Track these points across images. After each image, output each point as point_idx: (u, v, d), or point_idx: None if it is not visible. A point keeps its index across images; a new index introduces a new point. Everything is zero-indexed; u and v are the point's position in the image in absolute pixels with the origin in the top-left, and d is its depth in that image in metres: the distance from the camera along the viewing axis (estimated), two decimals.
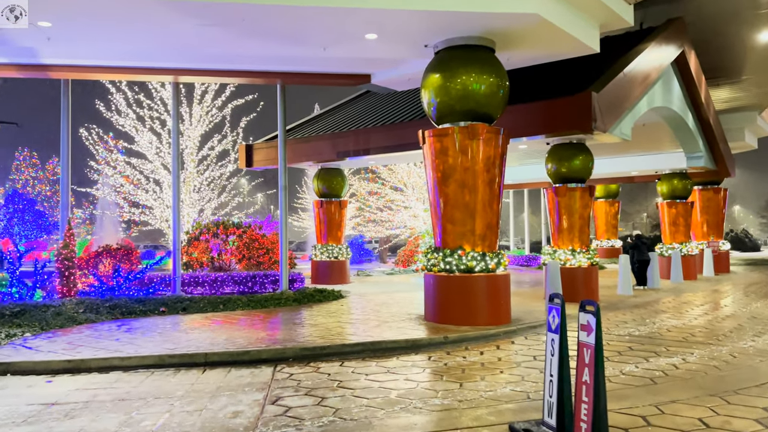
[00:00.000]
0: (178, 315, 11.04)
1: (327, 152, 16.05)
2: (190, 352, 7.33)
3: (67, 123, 13.05)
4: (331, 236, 18.20)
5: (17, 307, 10.05)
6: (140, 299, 11.60)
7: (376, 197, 30.98)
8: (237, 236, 17.18)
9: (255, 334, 8.65)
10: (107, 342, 8.14)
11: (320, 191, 18.26)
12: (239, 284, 14.69)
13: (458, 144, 9.58)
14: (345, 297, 13.99)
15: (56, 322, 9.55)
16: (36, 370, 6.88)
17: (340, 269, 17.91)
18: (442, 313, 9.55)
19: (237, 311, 11.54)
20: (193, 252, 17.03)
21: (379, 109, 16.89)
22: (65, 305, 10.64)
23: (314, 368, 6.95)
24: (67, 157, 13.17)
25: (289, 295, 12.96)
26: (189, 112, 20.36)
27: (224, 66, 12.16)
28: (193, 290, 14.48)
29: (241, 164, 18.15)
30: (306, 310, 11.61)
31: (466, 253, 9.48)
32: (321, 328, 9.27)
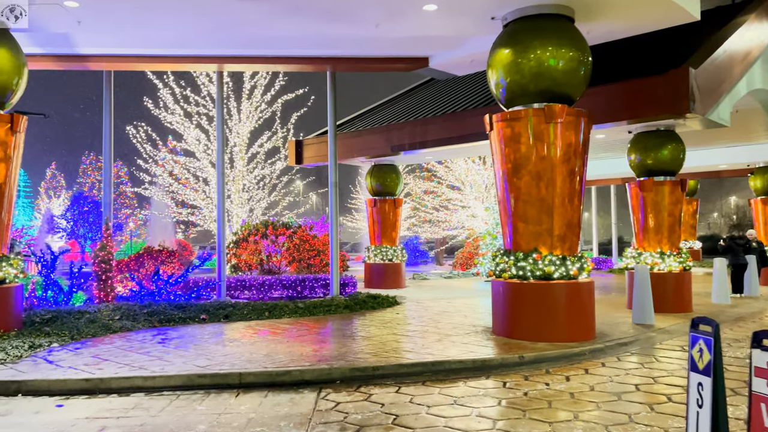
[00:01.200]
0: (220, 323, 10.19)
1: (380, 146, 14.97)
2: (223, 372, 6.36)
3: (109, 118, 12.49)
4: (385, 237, 17.11)
5: (49, 314, 9.43)
6: (181, 305, 10.84)
7: (432, 196, 29.73)
8: (287, 237, 16.36)
9: (299, 349, 7.63)
10: (135, 356, 7.30)
11: (373, 189, 17.21)
12: (287, 288, 13.80)
13: (532, 129, 8.27)
14: (400, 303, 12.85)
15: (89, 331, 8.84)
16: (50, 390, 6.07)
17: (394, 272, 16.80)
18: (514, 326, 8.26)
19: (283, 319, 10.59)
20: (241, 254, 16.32)
21: (437, 99, 15.68)
22: (101, 311, 9.97)
23: (365, 395, 5.83)
24: (109, 154, 12.61)
25: (340, 302, 11.93)
26: (237, 107, 19.74)
27: (270, 52, 11.28)
28: (240, 294, 13.71)
29: (291, 161, 17.32)
30: (358, 319, 10.54)
31: (543, 256, 8.16)
32: (374, 342, 8.16)
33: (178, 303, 10.97)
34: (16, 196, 8.88)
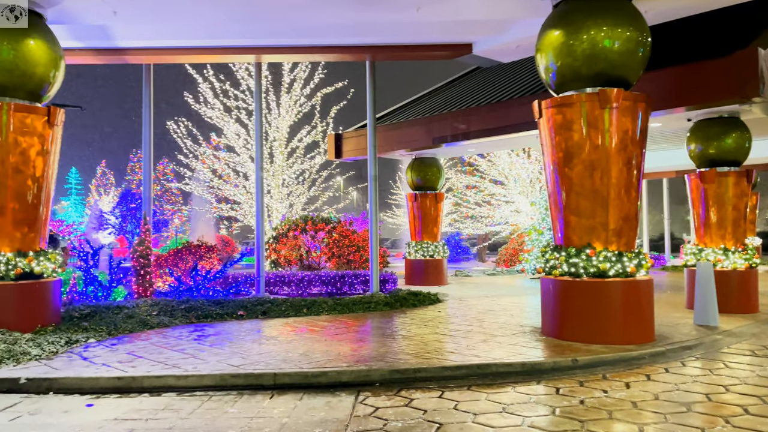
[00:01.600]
0: (257, 319, 9.98)
1: (421, 138, 14.53)
2: (257, 372, 6.08)
3: (149, 113, 12.46)
4: (427, 232, 16.68)
5: (88, 309, 9.39)
6: (219, 301, 10.69)
7: (474, 191, 29.08)
8: (326, 233, 16.12)
9: (337, 348, 7.30)
10: (170, 353, 7.11)
11: (414, 183, 16.80)
12: (327, 284, 13.54)
13: (585, 115, 7.70)
14: (442, 301, 12.42)
15: (126, 326, 8.75)
16: (82, 388, 5.91)
17: (436, 269, 16.35)
18: (565, 326, 7.73)
19: (321, 316, 10.31)
20: (280, 249, 16.17)
21: (480, 89, 15.14)
22: (139, 307, 9.89)
23: (406, 400, 5.45)
24: (149, 149, 12.59)
25: (380, 299, 11.58)
26: (277, 101, 19.60)
27: (308, 41, 11.00)
28: (279, 290, 13.53)
29: (330, 155, 17.07)
30: (398, 317, 10.17)
31: (597, 252, 7.59)
32: (415, 341, 7.76)
33: (216, 299, 10.83)
34: (54, 191, 8.85)
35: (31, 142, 8.21)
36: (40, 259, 8.19)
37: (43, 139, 8.35)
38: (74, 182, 63.07)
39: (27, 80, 8.13)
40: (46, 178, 8.46)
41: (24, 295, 7.98)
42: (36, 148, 8.27)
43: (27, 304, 8.01)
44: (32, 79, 8.17)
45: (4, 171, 7.98)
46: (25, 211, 8.18)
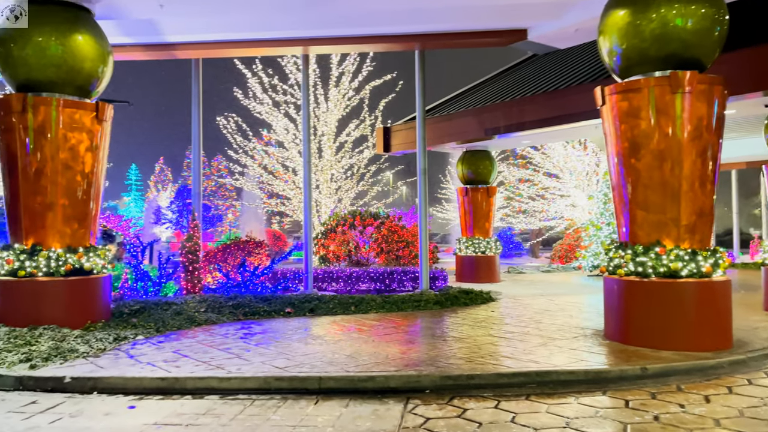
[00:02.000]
0: (305, 317, 9.78)
1: (472, 130, 14.02)
2: (302, 375, 5.82)
3: (198, 108, 12.45)
4: (478, 228, 16.15)
5: (138, 305, 9.40)
6: (266, 298, 10.55)
7: (528, 185, 28.22)
8: (375, 228, 15.84)
9: (385, 349, 6.97)
10: (215, 352, 6.95)
11: (465, 177, 16.29)
12: (375, 281, 13.26)
13: (654, 101, 7.08)
14: (495, 300, 11.92)
15: (174, 323, 8.69)
16: (126, 388, 5.79)
17: (488, 266, 15.82)
18: (631, 330, 7.15)
19: (370, 314, 10.02)
20: (329, 245, 16.00)
21: (535, 77, 14.48)
22: (187, 303, 9.85)
23: (458, 410, 5.06)
24: (198, 144, 12.59)
25: (429, 297, 11.20)
26: (325, 95, 19.41)
27: (357, 31, 10.69)
28: (327, 286, 13.34)
29: (379, 149, 16.76)
30: (449, 317, 9.76)
31: (668, 250, 6.98)
32: (468, 344, 7.35)
33: (264, 295, 10.70)
34: (103, 187, 8.86)
35: (80, 138, 8.21)
36: (89, 255, 8.20)
37: (92, 134, 8.35)
38: (134, 178, 65.21)
39: (75, 76, 8.13)
40: (95, 173, 8.47)
41: (74, 291, 8.01)
42: (85, 144, 8.27)
43: (77, 301, 8.03)
44: (80, 74, 8.17)
45: (54, 167, 8.01)
46: (75, 207, 8.20)
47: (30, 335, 7.19)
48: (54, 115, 8.00)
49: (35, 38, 7.86)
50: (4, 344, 6.82)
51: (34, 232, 7.99)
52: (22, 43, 7.87)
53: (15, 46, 7.89)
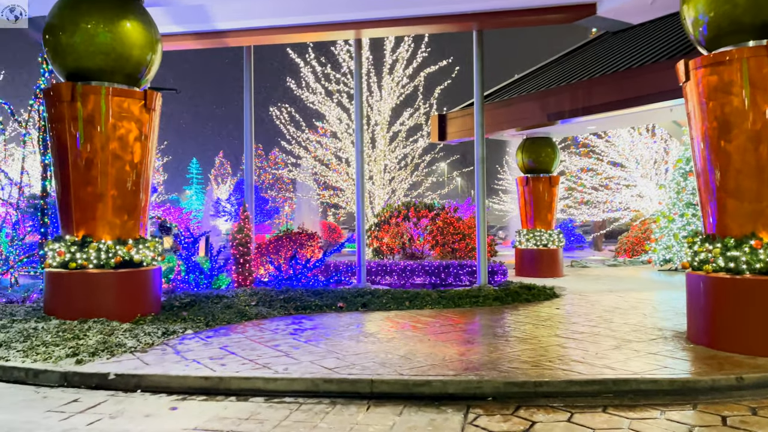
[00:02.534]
0: (357, 312, 9.40)
1: (534, 115, 13.24)
2: (352, 377, 5.40)
3: (249, 97, 12.26)
4: (539, 219, 15.36)
5: (189, 298, 9.25)
6: (318, 291, 10.23)
7: (591, 174, 26.92)
8: (430, 219, 15.32)
9: (442, 350, 6.48)
10: (263, 349, 6.64)
11: (525, 166, 15.51)
12: (430, 275, 12.76)
13: (748, 74, 6.25)
14: (560, 296, 11.19)
15: (224, 317, 8.47)
16: (170, 387, 5.53)
17: (550, 259, 15.02)
18: (721, 333, 6.37)
19: (425, 310, 9.54)
20: (382, 237, 15.60)
21: (603, 58, 13.53)
22: (238, 296, 9.64)
23: (526, 423, 4.52)
24: (250, 133, 12.41)
25: (488, 292, 10.60)
26: (378, 83, 18.96)
27: (410, 12, 10.19)
28: (381, 280, 12.95)
29: (433, 137, 16.18)
30: (510, 314, 9.15)
31: (764, 243, 6.15)
32: (532, 345, 6.76)
33: (316, 289, 10.38)
34: (152, 177, 8.72)
35: (129, 127, 8.07)
36: (139, 247, 8.06)
37: (140, 124, 8.19)
38: (195, 172, 67.15)
39: (124, 63, 7.98)
40: (144, 164, 8.32)
41: (123, 283, 7.89)
42: (134, 134, 8.12)
43: (126, 293, 7.91)
44: (129, 62, 8.01)
45: (104, 157, 7.90)
46: (125, 198, 8.07)
47: (79, 329, 7.09)
48: (103, 103, 7.87)
49: (83, 25, 7.74)
50: (52, 338, 6.73)
51: (85, 224, 7.90)
52: (70, 31, 7.76)
53: (64, 34, 7.79)
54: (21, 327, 7.20)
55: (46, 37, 7.96)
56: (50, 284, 7.84)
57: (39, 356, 6.21)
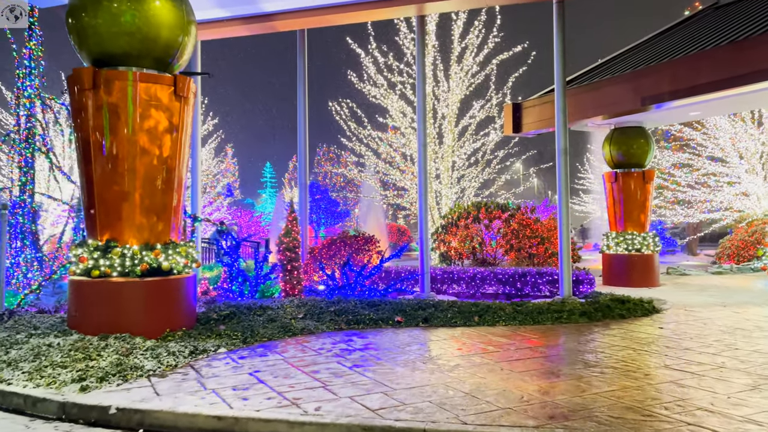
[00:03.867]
0: (417, 328, 8.20)
1: (625, 99, 11.55)
2: (399, 426, 4.20)
3: (303, 87, 11.36)
4: (630, 220, 13.59)
5: (229, 309, 8.34)
6: (374, 303, 9.10)
7: (685, 171, 24.41)
8: (503, 221, 13.90)
9: (518, 385, 5.16)
10: (300, 377, 5.57)
11: (614, 160, 13.78)
12: (504, 284, 11.38)
13: None
14: (660, 311, 9.52)
15: (265, 332, 7.50)
16: (177, 427, 4.56)
17: (644, 266, 13.22)
18: None
19: (497, 327, 8.21)
20: (450, 240, 14.32)
21: (708, 32, 11.66)
22: (284, 308, 8.67)
23: None
24: (305, 127, 11.51)
25: (574, 306, 9.12)
26: (445, 72, 17.64)
27: None
28: (448, 288, 11.69)
29: (507, 129, 14.72)
30: (601, 334, 7.66)
31: None
32: (636, 380, 5.31)
33: (372, 300, 9.25)
34: (187, 176, 7.87)
35: (158, 117, 7.24)
36: (168, 253, 7.20)
37: (170, 113, 7.35)
38: (269, 176, 68.38)
39: (151, 45, 7.16)
40: (176, 159, 7.47)
41: (150, 294, 7.05)
42: (163, 125, 7.28)
43: (153, 305, 7.06)
44: (157, 44, 7.18)
45: (130, 152, 7.10)
46: (153, 198, 7.24)
47: (94, 346, 6.27)
48: (129, 90, 7.06)
49: (105, 3, 6.97)
50: (62, 358, 5.93)
51: (110, 227, 7.13)
52: (92, 11, 7.01)
53: (86, 15, 7.06)
54: (36, 343, 6.48)
55: (69, 21, 7.26)
56: (72, 294, 7.11)
57: (43, 380, 5.41)
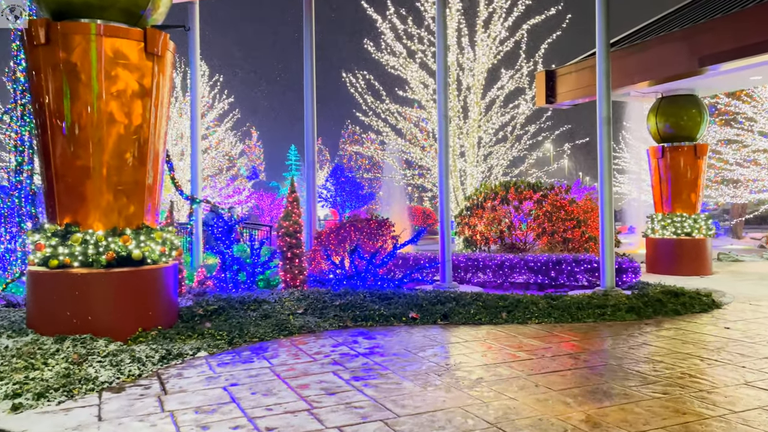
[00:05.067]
0: (435, 326, 7.11)
1: (678, 60, 10.14)
2: None
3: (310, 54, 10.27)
4: (679, 201, 12.23)
5: (219, 303, 7.33)
6: (386, 295, 8.00)
7: (733, 147, 22.65)
8: (535, 202, 12.64)
9: (558, 411, 4.04)
10: (283, 394, 4.54)
11: (661, 132, 12.37)
12: (536, 273, 10.20)
13: None
14: (721, 306, 8.24)
15: (256, 331, 6.50)
16: None
17: (695, 252, 11.88)
18: None
19: (529, 326, 7.06)
20: (475, 224, 13.12)
21: None
22: (282, 301, 7.65)
23: None
24: (312, 99, 10.44)
25: (619, 300, 7.90)
26: (470, 38, 16.21)
27: None
28: (472, 278, 10.56)
29: (539, 100, 13.38)
30: (655, 336, 6.46)
31: None
32: (712, 407, 4.13)
33: (384, 291, 8.15)
34: (164, 149, 6.82)
35: (126, 78, 6.19)
36: (141, 239, 6.19)
37: (141, 74, 6.29)
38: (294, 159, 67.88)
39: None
40: (150, 129, 6.43)
41: (118, 287, 6.06)
42: (133, 88, 6.24)
43: (123, 301, 6.08)
44: None
45: (94, 118, 6.08)
46: (121, 174, 6.23)
47: (43, 352, 5.30)
48: (92, 47, 6.02)
49: None
50: (2, 366, 4.98)
51: (71, 208, 6.15)
52: None
53: None
54: None
55: None
56: (29, 288, 6.17)
57: None
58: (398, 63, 16.25)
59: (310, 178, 10.80)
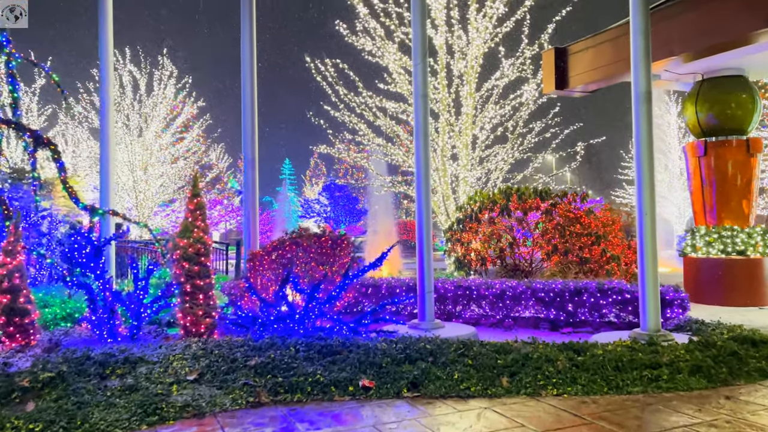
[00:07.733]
0: (398, 401, 4.66)
1: (736, 20, 7.78)
2: None
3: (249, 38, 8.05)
4: (728, 210, 9.79)
5: (62, 366, 4.84)
6: (329, 348, 5.49)
7: None
8: (543, 213, 10.23)
9: None
10: None
11: (702, 124, 9.97)
12: (547, 305, 7.76)
13: None
14: None
15: (101, 421, 4.03)
16: None
17: (752, 276, 9.42)
18: None
19: (543, 399, 4.60)
20: (468, 240, 10.70)
21: None
22: (168, 361, 5.16)
23: None
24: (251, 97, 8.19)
25: (675, 353, 5.43)
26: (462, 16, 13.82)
27: None
28: (463, 312, 8.17)
29: (547, 86, 10.98)
30: (750, 427, 3.97)
31: None
32: None
33: (328, 342, 5.63)
34: None
35: None
36: None
37: None
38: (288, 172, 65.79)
39: None
40: None
41: None
42: None
43: None
44: None
45: None
46: None
47: None
48: None
49: None
50: None
51: None
52: None
53: None
54: None
55: None
56: None
57: None
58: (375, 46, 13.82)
59: (248, 180, 8.41)
